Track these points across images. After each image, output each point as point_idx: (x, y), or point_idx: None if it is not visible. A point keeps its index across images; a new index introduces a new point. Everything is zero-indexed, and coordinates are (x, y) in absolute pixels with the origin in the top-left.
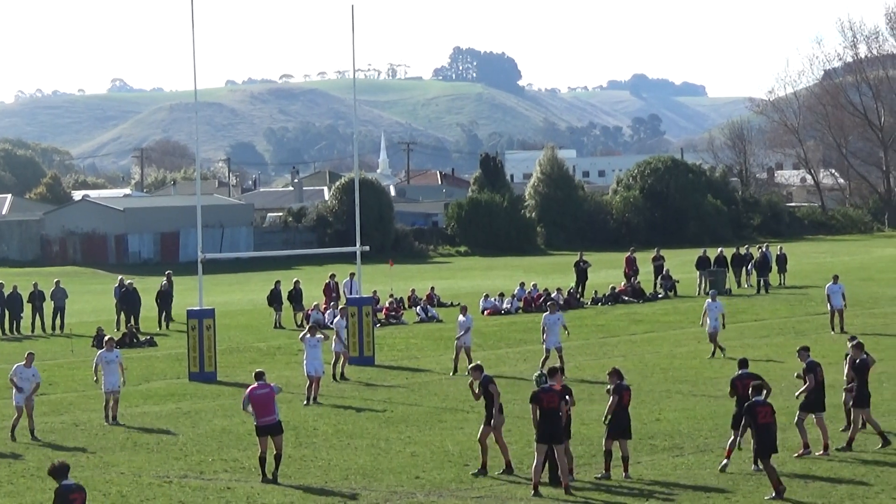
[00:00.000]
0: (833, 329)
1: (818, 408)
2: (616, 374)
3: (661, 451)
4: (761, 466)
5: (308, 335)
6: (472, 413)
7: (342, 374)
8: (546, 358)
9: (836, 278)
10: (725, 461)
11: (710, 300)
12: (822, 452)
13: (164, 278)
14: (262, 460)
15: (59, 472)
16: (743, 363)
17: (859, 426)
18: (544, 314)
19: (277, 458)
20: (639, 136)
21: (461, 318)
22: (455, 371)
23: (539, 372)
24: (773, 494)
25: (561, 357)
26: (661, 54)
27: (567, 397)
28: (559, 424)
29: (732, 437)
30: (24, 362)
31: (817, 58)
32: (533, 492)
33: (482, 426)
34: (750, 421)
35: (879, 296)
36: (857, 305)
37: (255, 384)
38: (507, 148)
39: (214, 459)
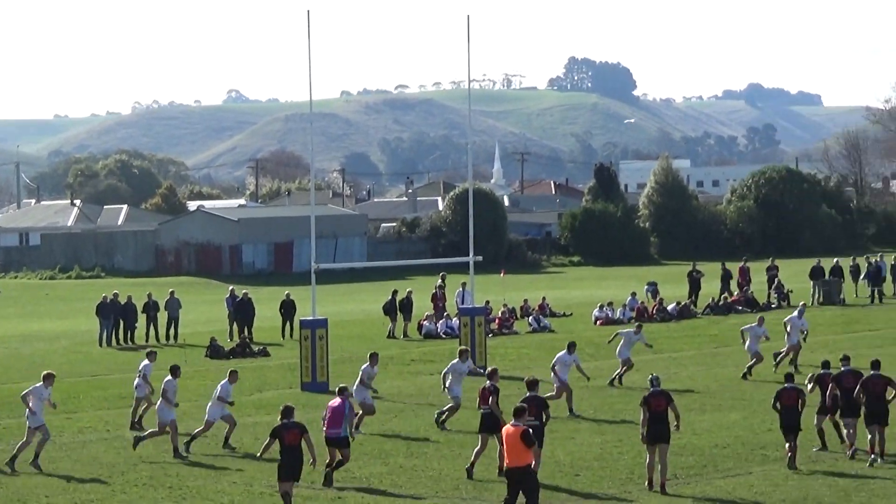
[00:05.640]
0: None
1: (847, 413)
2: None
3: (772, 461)
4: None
5: (458, 360)
6: (583, 423)
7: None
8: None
9: None
10: (872, 456)
11: (795, 315)
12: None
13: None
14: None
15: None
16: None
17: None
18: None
19: (339, 464)
20: (753, 145)
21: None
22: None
23: (652, 375)
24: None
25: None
26: (777, 63)
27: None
28: (666, 426)
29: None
30: (170, 376)
31: None
32: (648, 485)
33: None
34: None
35: None
36: None
37: (337, 399)
38: (621, 158)
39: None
